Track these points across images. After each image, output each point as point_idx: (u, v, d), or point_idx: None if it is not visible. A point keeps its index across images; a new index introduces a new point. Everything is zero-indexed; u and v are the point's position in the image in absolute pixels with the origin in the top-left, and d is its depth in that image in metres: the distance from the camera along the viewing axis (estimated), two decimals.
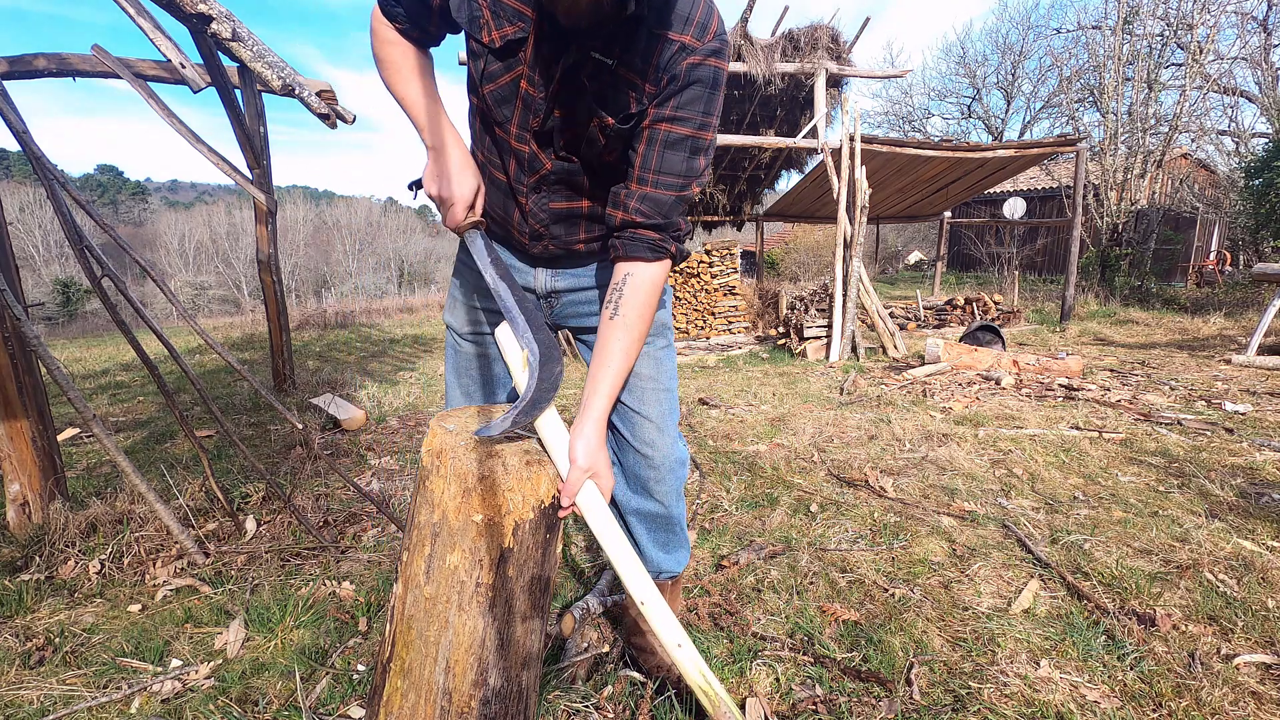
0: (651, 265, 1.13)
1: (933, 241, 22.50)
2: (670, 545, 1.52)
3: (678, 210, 1.13)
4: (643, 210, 1.10)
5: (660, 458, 1.38)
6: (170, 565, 2.14)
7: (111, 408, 4.95)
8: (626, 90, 1.06)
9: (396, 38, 1.14)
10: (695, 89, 1.05)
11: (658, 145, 1.08)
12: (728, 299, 8.37)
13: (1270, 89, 12.07)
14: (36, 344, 2.06)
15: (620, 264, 1.15)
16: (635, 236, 1.12)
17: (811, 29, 7.40)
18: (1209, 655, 1.55)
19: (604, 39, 1.01)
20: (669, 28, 1.02)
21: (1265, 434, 3.31)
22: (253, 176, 4.76)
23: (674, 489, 1.43)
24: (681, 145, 1.08)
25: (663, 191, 1.10)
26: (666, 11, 1.02)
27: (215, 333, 10.69)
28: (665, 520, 1.46)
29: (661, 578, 1.54)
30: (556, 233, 1.25)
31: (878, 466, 3.03)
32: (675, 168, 1.09)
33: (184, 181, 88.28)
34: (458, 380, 1.49)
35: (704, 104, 1.07)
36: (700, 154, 1.11)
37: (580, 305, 1.37)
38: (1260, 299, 8.84)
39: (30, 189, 32.31)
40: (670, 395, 1.39)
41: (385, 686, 1.05)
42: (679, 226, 1.15)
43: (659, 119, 1.07)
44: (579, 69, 1.04)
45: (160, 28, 1.74)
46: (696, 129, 1.08)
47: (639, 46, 1.02)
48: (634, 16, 0.98)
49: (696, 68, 1.04)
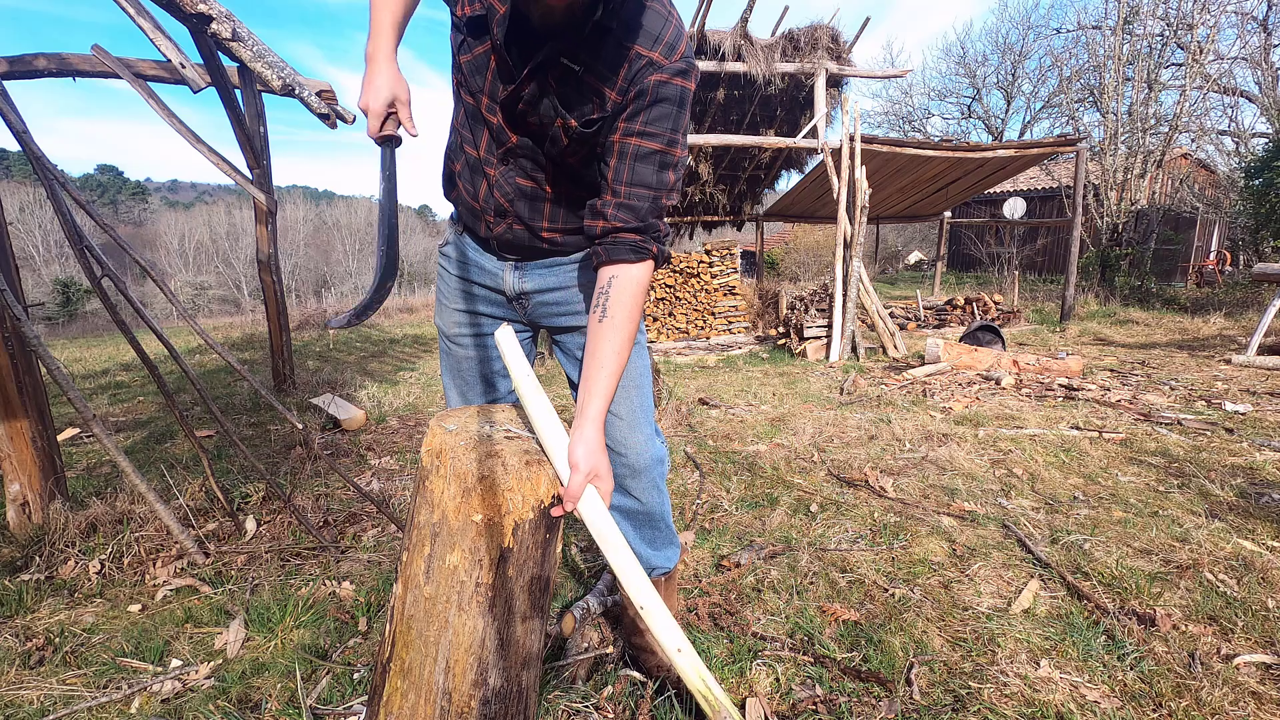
0: (635, 267, 1.17)
1: (933, 241, 22.51)
2: (657, 541, 1.54)
3: (654, 214, 1.17)
4: (621, 216, 1.14)
5: (634, 456, 1.40)
6: (170, 565, 2.14)
7: (111, 408, 4.95)
8: (591, 96, 1.11)
9: None
10: (664, 106, 1.11)
11: (629, 159, 1.13)
12: (728, 299, 8.37)
13: (1270, 89, 12.07)
14: (36, 344, 2.06)
15: (604, 269, 1.18)
16: (617, 240, 1.16)
17: (811, 29, 7.40)
18: (1209, 655, 1.55)
19: (572, 44, 1.05)
20: (637, 42, 1.07)
21: (1265, 434, 3.31)
22: (253, 176, 4.76)
23: (651, 485, 1.45)
24: (651, 159, 1.13)
25: (637, 201, 1.15)
26: (635, 26, 1.07)
27: (215, 333, 10.69)
28: (647, 517, 1.49)
29: (654, 575, 1.56)
30: (520, 209, 1.28)
31: (878, 466, 3.03)
32: (646, 180, 1.14)
33: (184, 181, 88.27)
34: (454, 381, 1.51)
35: (672, 121, 1.12)
36: (669, 169, 1.16)
37: (550, 306, 1.40)
38: (1260, 299, 8.85)
39: (30, 189, 32.30)
40: (641, 392, 1.41)
41: (385, 686, 1.05)
42: (658, 229, 1.19)
43: (629, 133, 1.12)
44: (547, 69, 1.09)
45: (160, 28, 1.74)
46: (665, 144, 1.13)
47: (605, 55, 1.07)
48: (602, 26, 1.03)
49: (664, 85, 1.09)
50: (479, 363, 1.46)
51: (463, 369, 1.48)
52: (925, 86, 26.81)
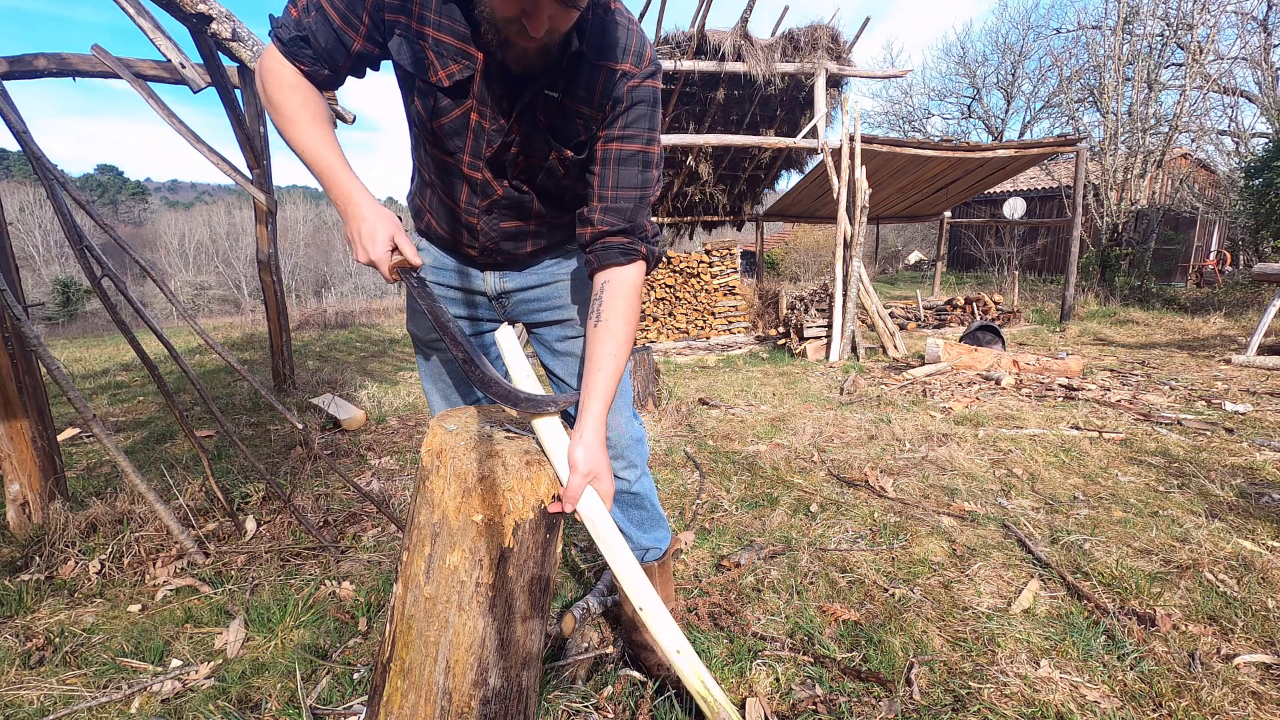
0: (626, 268, 1.18)
1: (933, 241, 22.50)
2: (646, 523, 1.56)
3: (641, 214, 1.18)
4: (608, 220, 1.16)
5: (614, 436, 1.42)
6: (170, 565, 2.14)
7: (111, 408, 4.95)
8: (574, 119, 1.13)
9: (298, 80, 1.08)
10: (640, 108, 1.13)
11: (612, 163, 1.15)
12: (728, 299, 8.37)
13: (1270, 89, 12.07)
14: (36, 344, 2.06)
15: (597, 275, 1.20)
16: (606, 245, 1.17)
17: (811, 29, 7.40)
18: (1209, 655, 1.55)
19: (550, 76, 1.07)
20: (608, 59, 1.09)
21: (1265, 434, 3.31)
22: (253, 176, 4.76)
23: (630, 465, 1.48)
24: (634, 160, 1.15)
25: (623, 203, 1.16)
26: (603, 44, 1.09)
27: (215, 333, 10.69)
28: (632, 497, 1.51)
29: (646, 560, 1.58)
30: (506, 248, 1.31)
31: (878, 466, 3.03)
32: (631, 181, 1.16)
33: (184, 181, 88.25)
34: (435, 386, 1.52)
35: (648, 121, 1.15)
36: (651, 166, 1.18)
37: (530, 303, 1.41)
38: (1260, 299, 8.84)
39: (30, 189, 32.29)
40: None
41: (385, 686, 1.05)
42: (645, 229, 1.20)
43: (609, 139, 1.14)
44: (534, 107, 1.10)
45: (160, 28, 1.74)
46: (644, 144, 1.16)
47: (582, 78, 1.09)
48: (576, 53, 1.05)
49: (637, 89, 1.12)
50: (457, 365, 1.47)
51: (444, 373, 1.49)
52: (925, 86, 26.84)
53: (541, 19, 0.92)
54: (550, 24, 0.93)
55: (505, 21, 0.94)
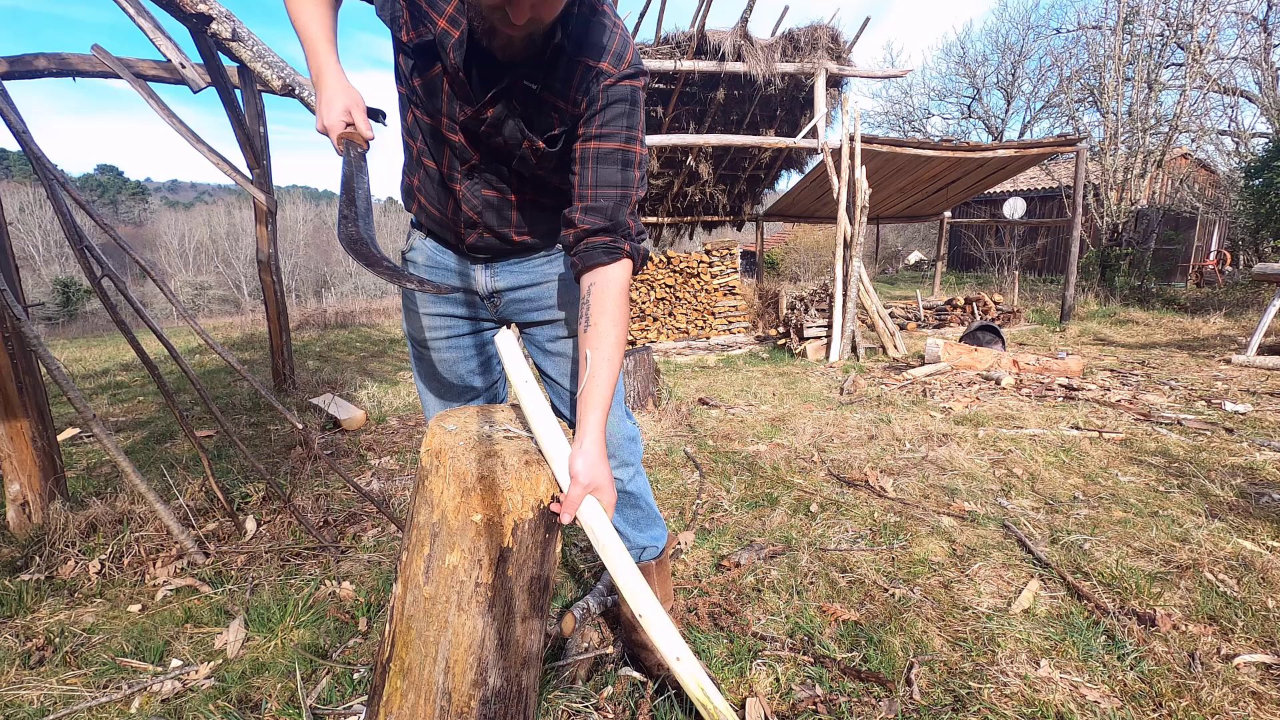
0: (610, 268, 1.17)
1: (933, 241, 22.50)
2: (641, 522, 1.56)
3: (622, 212, 1.18)
4: (589, 219, 1.16)
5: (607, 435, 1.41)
6: (170, 565, 2.14)
7: (111, 408, 4.95)
8: (550, 112, 1.15)
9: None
10: (617, 107, 1.14)
11: (591, 163, 1.15)
12: (728, 299, 8.37)
13: (1270, 89, 12.06)
14: (36, 344, 2.06)
15: (583, 277, 1.19)
16: (589, 245, 1.17)
17: (811, 29, 7.40)
18: (1209, 655, 1.55)
19: (531, 68, 1.08)
20: (586, 55, 1.11)
21: (1265, 434, 3.31)
22: (253, 176, 4.76)
23: (625, 463, 1.47)
24: (612, 158, 1.15)
25: (604, 201, 1.16)
26: (585, 40, 1.10)
27: (215, 333, 10.69)
28: (628, 496, 1.51)
29: (643, 559, 1.57)
30: (489, 220, 1.30)
31: (878, 466, 3.03)
32: (611, 180, 1.16)
33: (184, 181, 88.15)
34: (429, 386, 1.52)
35: (627, 119, 1.15)
36: (632, 166, 1.18)
37: (521, 302, 1.42)
38: (1260, 299, 8.84)
39: (30, 189, 32.29)
40: None
41: (385, 686, 1.05)
42: (629, 227, 1.19)
43: (588, 138, 1.15)
44: (509, 93, 1.12)
45: (160, 28, 1.74)
46: (624, 142, 1.15)
47: (559, 71, 1.11)
48: (557, 45, 1.07)
49: (613, 88, 1.13)
50: (452, 365, 1.48)
51: (437, 373, 1.49)
52: (925, 86, 26.85)
53: (524, 7, 0.93)
54: (533, 13, 0.95)
55: (490, 8, 0.96)
